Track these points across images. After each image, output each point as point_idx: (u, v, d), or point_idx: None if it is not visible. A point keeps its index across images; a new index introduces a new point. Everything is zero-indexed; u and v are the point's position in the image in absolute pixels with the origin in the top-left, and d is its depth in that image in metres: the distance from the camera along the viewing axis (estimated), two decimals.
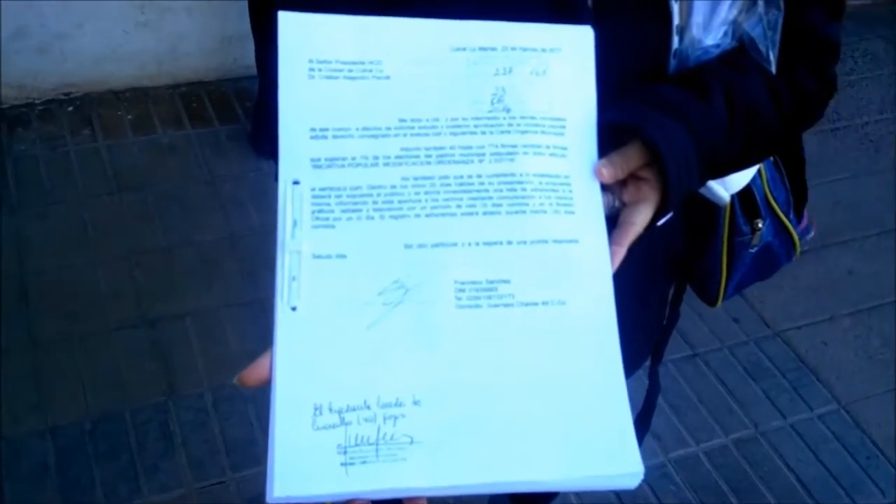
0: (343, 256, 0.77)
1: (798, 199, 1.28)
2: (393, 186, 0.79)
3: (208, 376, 2.44)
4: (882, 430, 2.55)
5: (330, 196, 0.78)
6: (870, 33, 4.26)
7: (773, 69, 0.92)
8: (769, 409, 2.58)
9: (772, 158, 1.26)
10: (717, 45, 0.93)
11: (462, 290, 0.78)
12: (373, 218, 0.78)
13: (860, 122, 3.71)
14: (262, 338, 0.76)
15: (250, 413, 2.35)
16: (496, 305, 0.78)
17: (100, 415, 2.32)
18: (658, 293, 1.30)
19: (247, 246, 2.80)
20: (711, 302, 1.30)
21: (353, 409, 0.73)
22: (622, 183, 0.85)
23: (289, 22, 0.82)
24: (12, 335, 2.46)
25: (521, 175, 0.81)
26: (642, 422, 1.39)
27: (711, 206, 1.17)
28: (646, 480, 2.19)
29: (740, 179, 1.15)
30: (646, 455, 0.75)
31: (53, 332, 2.47)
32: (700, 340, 2.73)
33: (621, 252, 0.83)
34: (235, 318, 2.59)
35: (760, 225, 1.22)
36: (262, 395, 0.75)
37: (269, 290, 0.77)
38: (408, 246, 0.78)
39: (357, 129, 0.80)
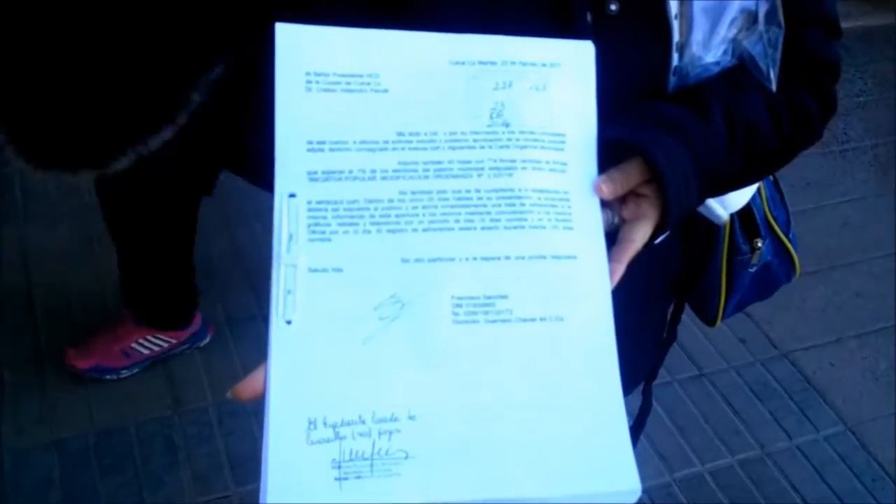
0: (339, 270, 0.77)
1: None
2: (390, 200, 0.79)
3: (213, 391, 2.44)
4: (888, 453, 2.53)
5: (326, 209, 0.78)
6: (879, 56, 4.25)
7: (774, 87, 0.92)
8: (775, 430, 2.56)
9: (772, 178, 1.26)
10: (717, 63, 0.93)
11: (459, 306, 0.77)
12: (370, 232, 0.78)
13: (869, 144, 3.70)
14: (266, 352, 0.76)
15: (255, 428, 2.34)
16: (494, 321, 0.78)
17: (105, 428, 2.31)
18: (657, 311, 1.29)
19: (251, 260, 2.80)
20: (710, 321, 1.30)
21: (348, 424, 0.73)
22: (622, 199, 0.85)
23: (286, 34, 0.81)
24: (18, 347, 2.46)
25: (519, 190, 0.81)
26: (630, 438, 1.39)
27: (711, 225, 1.17)
28: (651, 500, 2.18)
29: (739, 199, 1.15)
30: (651, 474, 0.75)
31: (59, 345, 2.47)
32: (707, 361, 2.72)
33: (620, 269, 0.83)
34: (240, 333, 2.59)
35: (760, 244, 1.21)
36: None
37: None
38: (405, 260, 0.78)
39: (354, 143, 0.80)
